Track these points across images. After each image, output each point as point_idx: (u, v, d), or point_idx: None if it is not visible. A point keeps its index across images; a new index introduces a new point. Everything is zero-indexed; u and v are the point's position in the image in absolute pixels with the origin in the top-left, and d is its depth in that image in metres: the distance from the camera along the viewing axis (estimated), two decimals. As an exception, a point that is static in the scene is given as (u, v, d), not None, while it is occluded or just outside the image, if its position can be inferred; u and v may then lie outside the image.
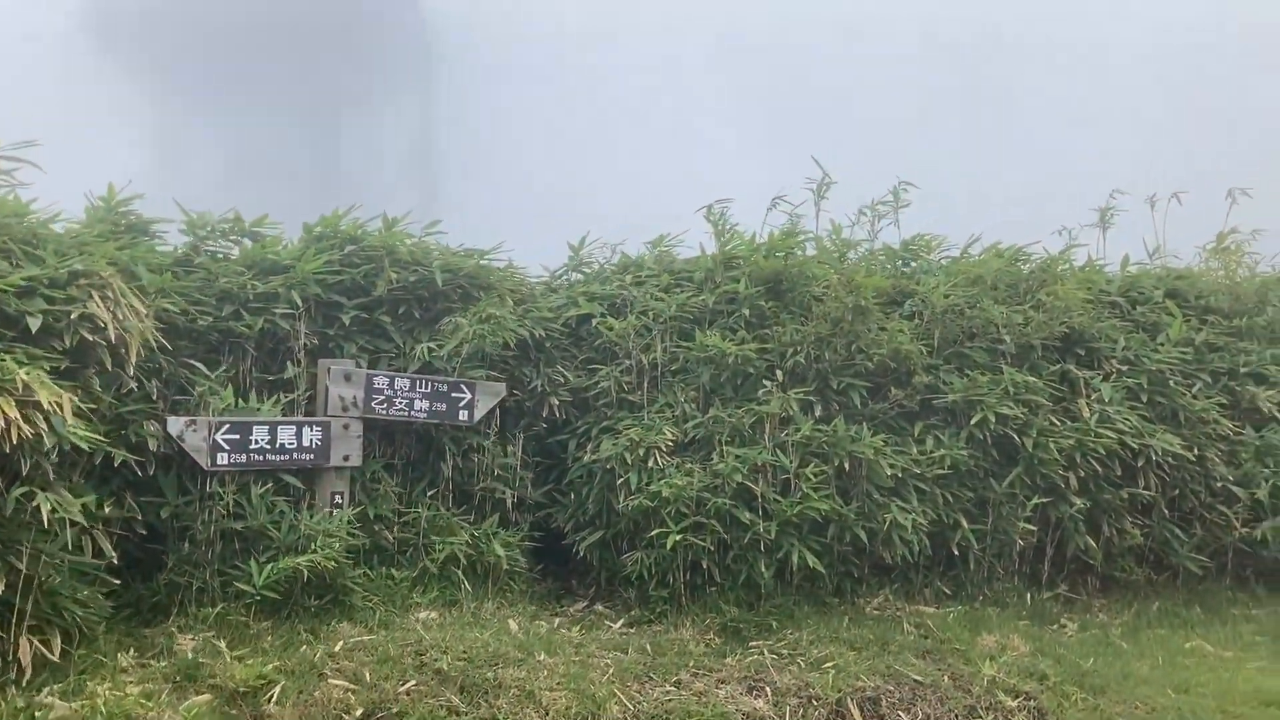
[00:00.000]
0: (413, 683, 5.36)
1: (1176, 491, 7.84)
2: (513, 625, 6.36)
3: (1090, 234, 9.64)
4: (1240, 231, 9.64)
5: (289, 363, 6.76)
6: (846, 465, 6.94)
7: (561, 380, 7.66)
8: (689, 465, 6.92)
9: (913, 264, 8.91)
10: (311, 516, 6.24)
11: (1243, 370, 8.51)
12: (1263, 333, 8.87)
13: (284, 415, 6.53)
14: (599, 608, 7.24)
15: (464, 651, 5.75)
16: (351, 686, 5.27)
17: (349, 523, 6.33)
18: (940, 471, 7.15)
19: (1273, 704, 5.98)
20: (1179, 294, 9.16)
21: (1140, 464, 7.59)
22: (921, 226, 9.18)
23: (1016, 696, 5.87)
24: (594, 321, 7.84)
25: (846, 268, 7.89)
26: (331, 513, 6.41)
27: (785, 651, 6.34)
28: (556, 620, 6.82)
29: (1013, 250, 8.80)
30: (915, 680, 6.04)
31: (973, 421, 7.27)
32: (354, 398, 6.62)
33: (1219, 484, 7.93)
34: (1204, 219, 9.80)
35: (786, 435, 7.04)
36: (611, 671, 5.87)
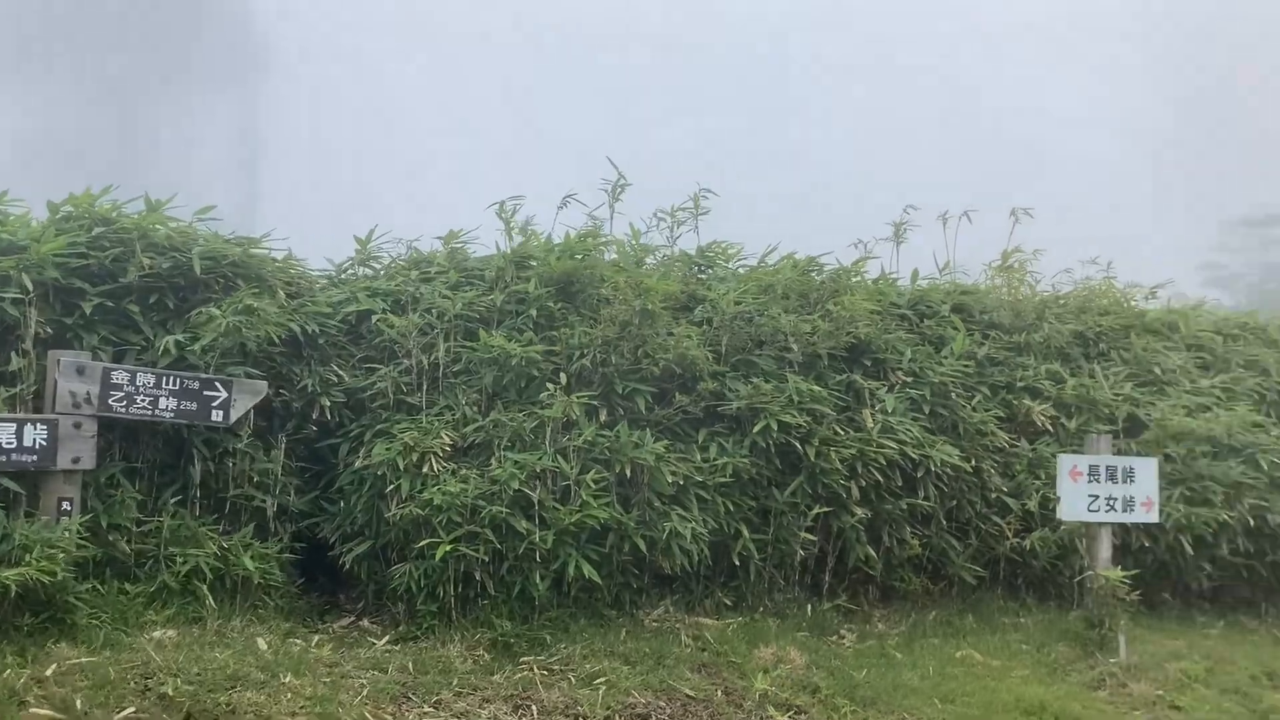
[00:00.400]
0: (131, 709, 4.83)
1: (954, 502, 7.97)
2: (261, 644, 5.85)
3: (887, 247, 9.84)
4: (1024, 251, 10.00)
5: (14, 353, 6.06)
6: (628, 472, 6.73)
7: (335, 380, 7.19)
8: (465, 471, 6.58)
9: (709, 270, 8.83)
10: (30, 524, 5.58)
11: (1019, 384, 8.77)
12: (1039, 348, 9.17)
13: (6, 412, 5.85)
14: (365, 623, 6.81)
15: (198, 674, 5.23)
16: (58, 715, 4.70)
17: (77, 532, 5.70)
18: (723, 479, 7.03)
19: (1033, 713, 6.06)
20: (965, 309, 9.39)
21: (920, 474, 7.68)
22: (761, 234, 9.15)
23: (787, 711, 5.78)
24: (374, 318, 7.40)
25: (635, 271, 7.70)
26: (57, 521, 5.76)
27: (557, 667, 6.08)
28: (315, 638, 6.33)
29: (806, 260, 8.82)
30: (688, 695, 5.88)
31: (755, 429, 7.18)
32: (88, 394, 5.98)
33: (994, 495, 8.13)
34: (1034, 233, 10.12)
35: (569, 440, 6.79)
36: (365, 692, 5.48)
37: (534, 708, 5.56)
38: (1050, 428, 8.59)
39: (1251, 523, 8.56)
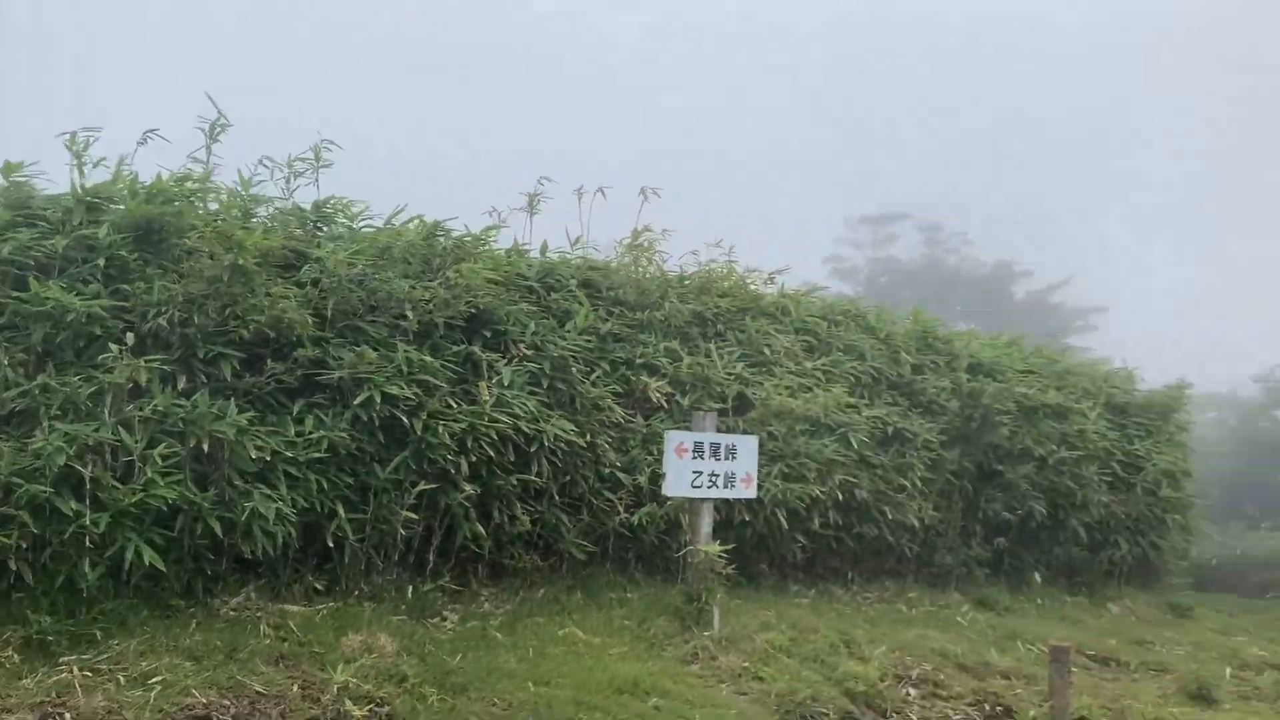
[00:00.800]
0: None
1: (568, 477, 7.88)
2: None
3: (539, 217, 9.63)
4: (653, 230, 10.12)
5: None
6: (206, 446, 6.02)
7: None
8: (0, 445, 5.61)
9: (325, 228, 8.19)
10: None
11: (639, 361, 8.85)
12: (660, 326, 9.30)
13: None
14: None
15: None
16: None
17: None
18: (317, 455, 6.47)
19: (625, 691, 6.02)
20: (593, 284, 9.35)
21: (534, 449, 7.50)
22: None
23: (368, 704, 5.35)
24: (-107, 261, 6.18)
25: (231, 222, 6.94)
26: None
27: (105, 667, 5.30)
28: None
29: (432, 225, 8.39)
30: (258, 692, 5.31)
31: (358, 401, 6.68)
32: None
33: (608, 470, 8.12)
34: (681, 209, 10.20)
35: (135, 409, 5.96)
36: None
37: (68, 715, 4.80)
38: (666, 404, 8.73)
39: (841, 497, 9.17)
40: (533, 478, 7.51)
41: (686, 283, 10.18)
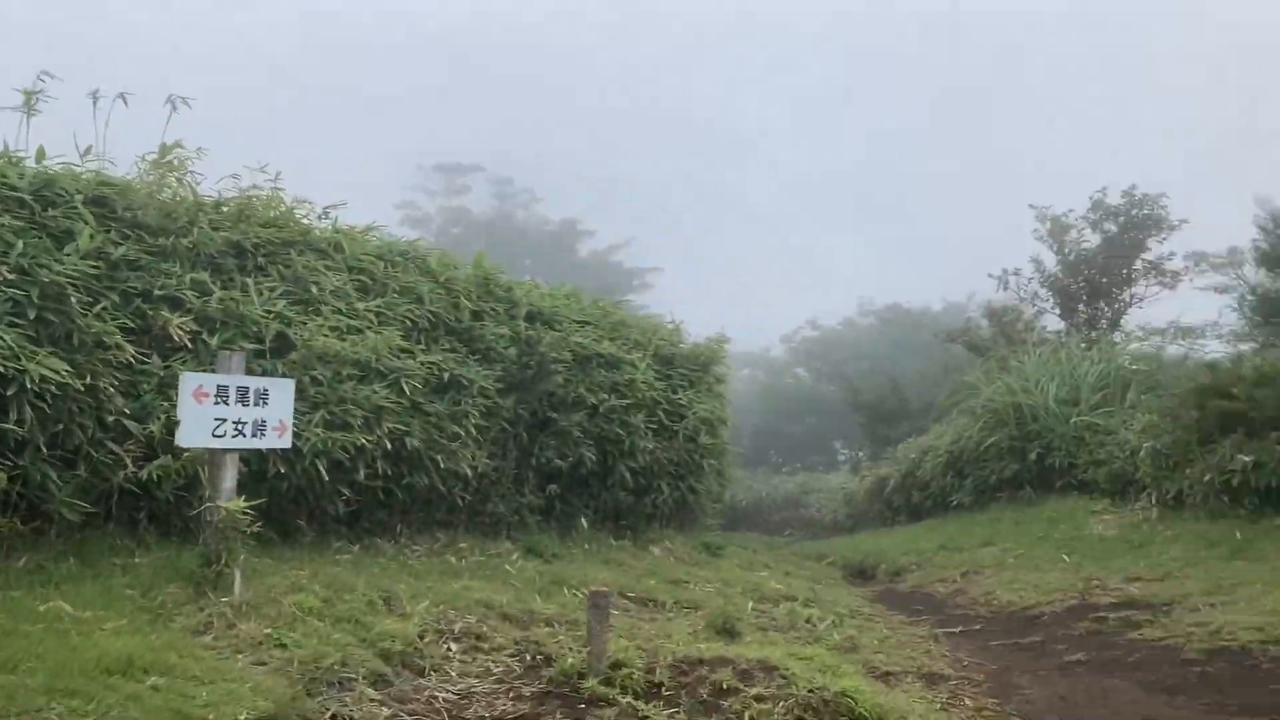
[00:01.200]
0: None
1: (60, 426, 6.65)
2: None
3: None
4: (185, 147, 8.92)
5: None
6: None
7: None
8: None
9: None
10: None
11: (158, 293, 7.73)
12: (188, 255, 8.20)
13: None
14: None
15: None
16: None
17: None
18: None
19: (116, 671, 5.11)
20: (106, 202, 8.03)
21: (13, 393, 6.23)
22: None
23: None
24: None
25: None
26: None
27: None
28: None
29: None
30: None
31: None
32: None
33: (113, 418, 6.99)
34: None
35: None
36: None
37: None
38: (190, 344, 7.71)
39: (390, 446, 8.66)
40: (12, 426, 6.24)
41: (224, 209, 9.09)
